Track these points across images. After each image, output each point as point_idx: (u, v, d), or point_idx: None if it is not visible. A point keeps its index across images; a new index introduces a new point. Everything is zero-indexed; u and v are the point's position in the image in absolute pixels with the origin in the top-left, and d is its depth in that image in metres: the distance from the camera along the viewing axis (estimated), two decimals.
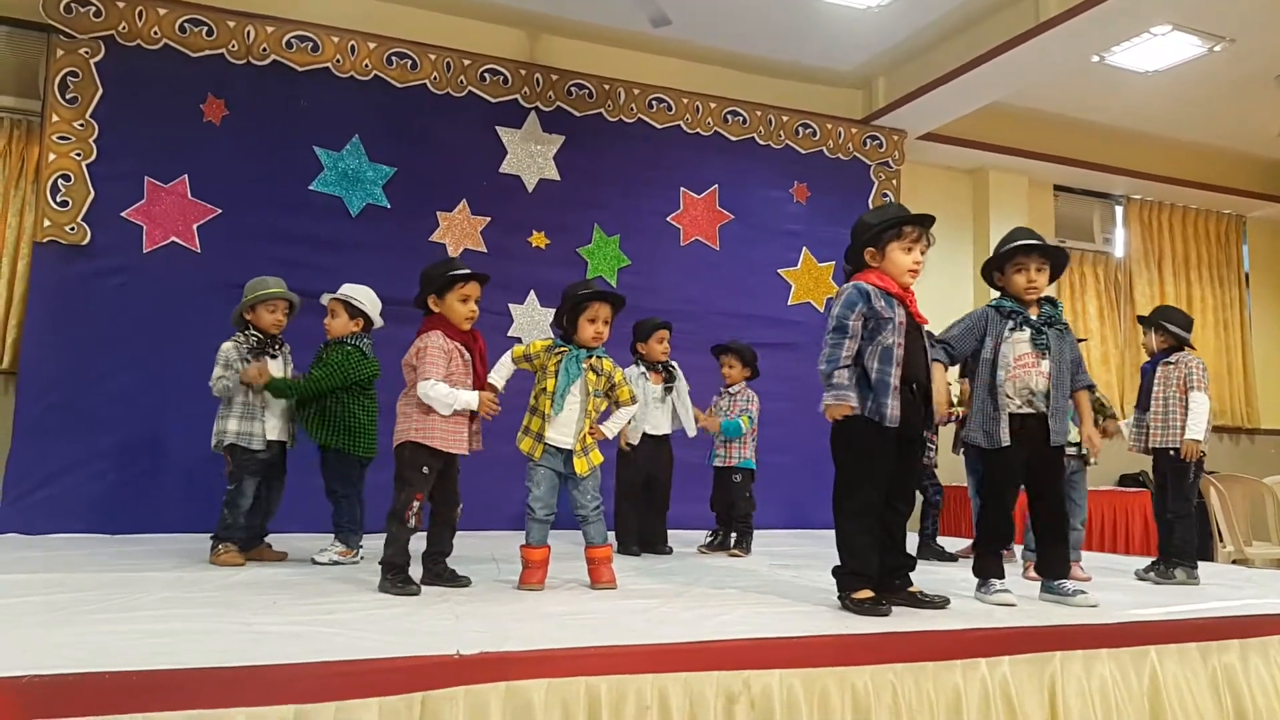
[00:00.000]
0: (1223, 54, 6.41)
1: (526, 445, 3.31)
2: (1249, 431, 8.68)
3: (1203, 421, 4.09)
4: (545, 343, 3.41)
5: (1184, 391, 4.16)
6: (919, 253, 2.98)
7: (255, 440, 3.86)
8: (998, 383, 3.18)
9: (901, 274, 2.97)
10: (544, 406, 3.30)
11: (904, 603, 2.94)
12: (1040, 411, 3.19)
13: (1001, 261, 3.29)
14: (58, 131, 5.24)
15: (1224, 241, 8.89)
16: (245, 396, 3.88)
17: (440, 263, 3.38)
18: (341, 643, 2.16)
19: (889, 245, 2.97)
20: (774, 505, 5.92)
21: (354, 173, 5.84)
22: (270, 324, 3.97)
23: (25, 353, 5.12)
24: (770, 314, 6.78)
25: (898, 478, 2.99)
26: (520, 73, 6.26)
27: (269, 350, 3.95)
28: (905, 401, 2.91)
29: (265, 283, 4.00)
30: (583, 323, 3.35)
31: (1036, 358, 3.19)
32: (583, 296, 3.36)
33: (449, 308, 3.27)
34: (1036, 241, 3.25)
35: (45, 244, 5.17)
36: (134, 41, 5.40)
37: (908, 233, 2.97)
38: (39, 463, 4.97)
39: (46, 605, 2.64)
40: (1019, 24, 5.84)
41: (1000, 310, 3.26)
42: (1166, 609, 3.17)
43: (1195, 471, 4.17)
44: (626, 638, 2.29)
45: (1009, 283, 3.28)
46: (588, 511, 3.34)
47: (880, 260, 2.99)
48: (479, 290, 3.33)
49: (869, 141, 7.19)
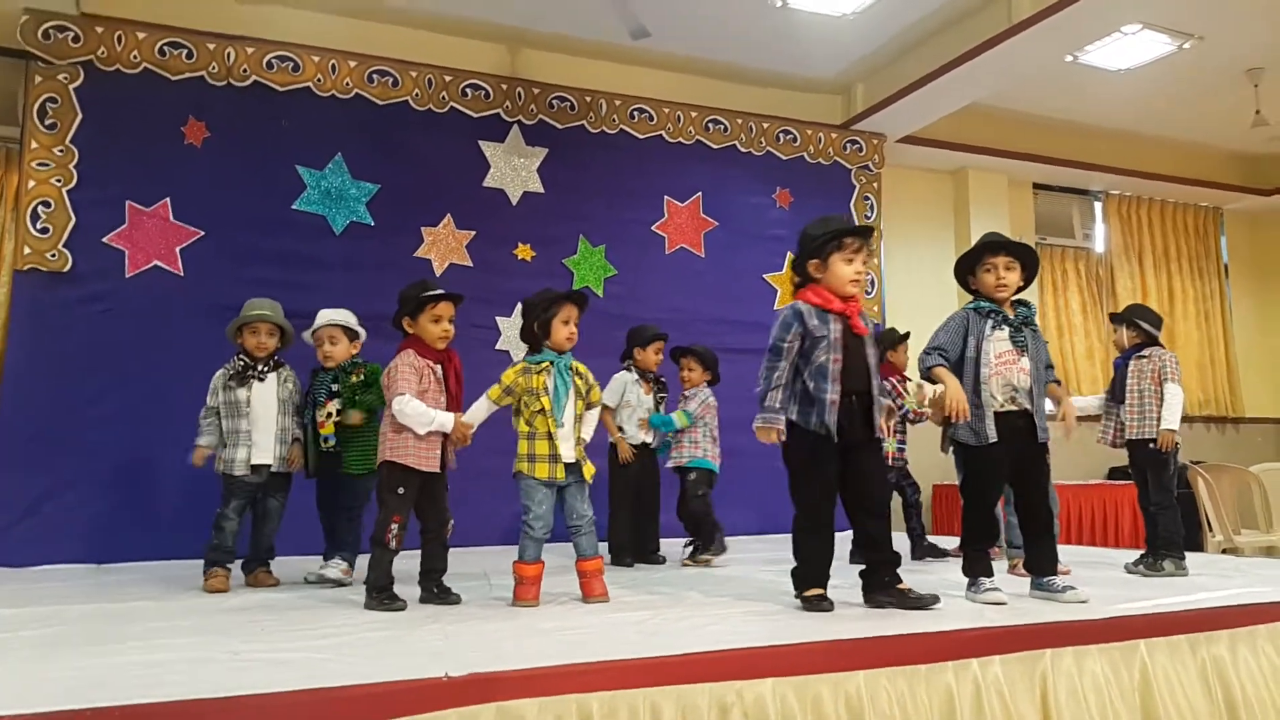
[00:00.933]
0: (1192, 50, 6.49)
1: (544, 472, 3.24)
2: (1234, 420, 8.75)
3: (1177, 412, 4.15)
4: (517, 368, 3.36)
5: (1158, 383, 4.21)
6: (860, 263, 3.09)
7: (236, 466, 3.84)
8: (981, 380, 3.24)
9: (844, 285, 3.08)
10: (548, 427, 3.26)
11: (892, 601, 3.00)
12: (1024, 409, 3.26)
13: (971, 263, 3.38)
14: (37, 158, 5.22)
15: (1202, 234, 8.97)
16: (226, 424, 3.87)
17: (415, 284, 3.40)
18: (331, 669, 2.15)
19: (831, 256, 3.08)
20: (755, 510, 5.96)
21: (337, 191, 5.85)
22: (253, 346, 3.95)
23: (7, 382, 5.08)
24: (756, 319, 6.76)
25: (855, 483, 3.10)
26: (502, 87, 6.28)
27: (254, 374, 3.93)
28: (845, 411, 3.04)
29: (252, 305, 4.00)
30: (556, 325, 3.34)
31: (1016, 354, 3.27)
32: (552, 300, 3.36)
33: (422, 328, 3.32)
34: (1000, 239, 3.36)
35: (26, 271, 5.15)
36: (113, 66, 5.39)
37: (848, 244, 3.08)
38: (21, 493, 4.93)
39: (34, 639, 2.62)
40: (992, 26, 5.90)
41: (979, 311, 3.33)
42: (1155, 602, 3.18)
43: (1173, 462, 4.23)
44: (618, 652, 2.30)
45: (980, 284, 3.37)
46: (584, 523, 3.33)
47: (824, 272, 3.10)
48: (452, 310, 3.36)
49: (849, 146, 7.23)
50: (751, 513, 5.97)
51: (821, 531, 3.08)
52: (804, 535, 3.10)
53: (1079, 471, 7.35)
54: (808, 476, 3.10)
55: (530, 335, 3.41)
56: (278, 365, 4.02)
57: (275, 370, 3.99)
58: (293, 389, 4.04)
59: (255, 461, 3.88)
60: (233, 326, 3.99)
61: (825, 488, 3.09)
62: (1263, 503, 6.46)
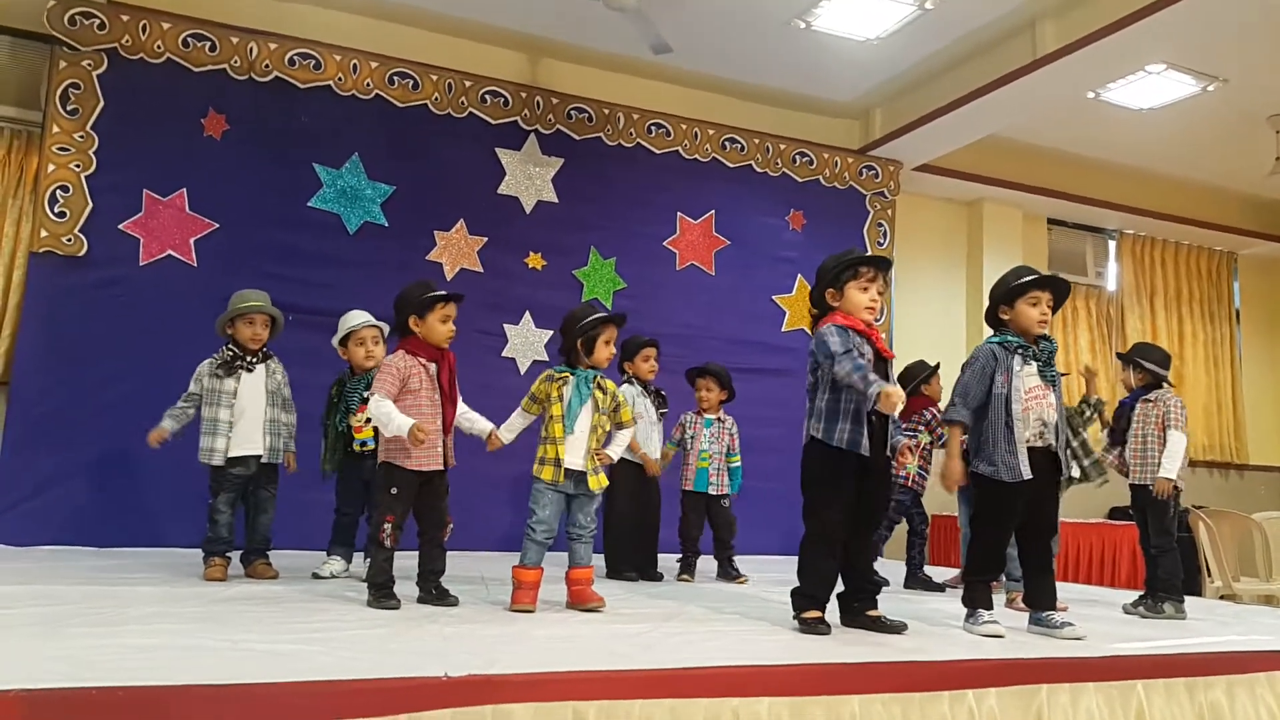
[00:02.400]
0: (1216, 93, 6.50)
1: (549, 474, 3.27)
2: (1238, 467, 8.71)
3: (1178, 460, 4.14)
4: (542, 377, 3.42)
5: (1162, 429, 4.20)
6: (875, 292, 3.14)
7: (215, 456, 3.82)
8: (1014, 417, 3.20)
9: (859, 310, 3.12)
10: (557, 432, 3.29)
11: (861, 626, 3.06)
12: (1049, 445, 3.25)
13: (1013, 295, 3.32)
14: (58, 143, 5.25)
15: (1215, 278, 8.96)
16: (206, 412, 3.87)
17: (418, 283, 3.42)
18: (327, 662, 2.15)
19: (847, 285, 3.13)
20: (764, 531, 5.93)
21: (353, 190, 5.87)
22: (248, 338, 3.94)
23: (18, 363, 5.10)
24: (764, 340, 6.81)
25: (856, 505, 3.09)
26: (521, 95, 6.31)
27: (242, 364, 3.92)
28: (871, 433, 3.05)
29: (245, 296, 3.99)
30: (600, 345, 3.39)
31: (1045, 389, 3.26)
32: (598, 320, 3.39)
33: (430, 328, 3.33)
34: (1051, 274, 3.36)
35: (41, 254, 5.17)
36: (137, 55, 5.43)
37: (864, 272, 3.14)
38: (28, 474, 4.94)
39: (35, 617, 2.62)
40: (1016, 59, 5.92)
41: (1006, 346, 3.29)
42: (1154, 643, 3.17)
43: (1174, 506, 4.23)
44: (615, 662, 2.29)
45: (1020, 315, 3.31)
46: (584, 532, 3.36)
47: (840, 300, 3.14)
48: (455, 310, 3.39)
49: (865, 171, 7.25)
50: (771, 533, 5.95)
51: (829, 554, 3.08)
52: (811, 556, 3.10)
53: (1079, 510, 7.32)
54: (825, 497, 3.09)
55: (569, 349, 3.41)
56: (266, 356, 4.02)
57: (264, 361, 4.00)
58: (281, 380, 4.04)
59: (244, 453, 3.86)
60: (225, 318, 3.96)
61: (840, 508, 3.07)
62: (1264, 551, 6.42)
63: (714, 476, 4.79)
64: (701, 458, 4.78)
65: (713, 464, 4.79)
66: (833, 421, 3.05)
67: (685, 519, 4.82)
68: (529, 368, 6.13)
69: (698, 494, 4.79)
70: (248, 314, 3.95)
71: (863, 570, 3.15)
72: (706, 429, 4.84)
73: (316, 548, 4.14)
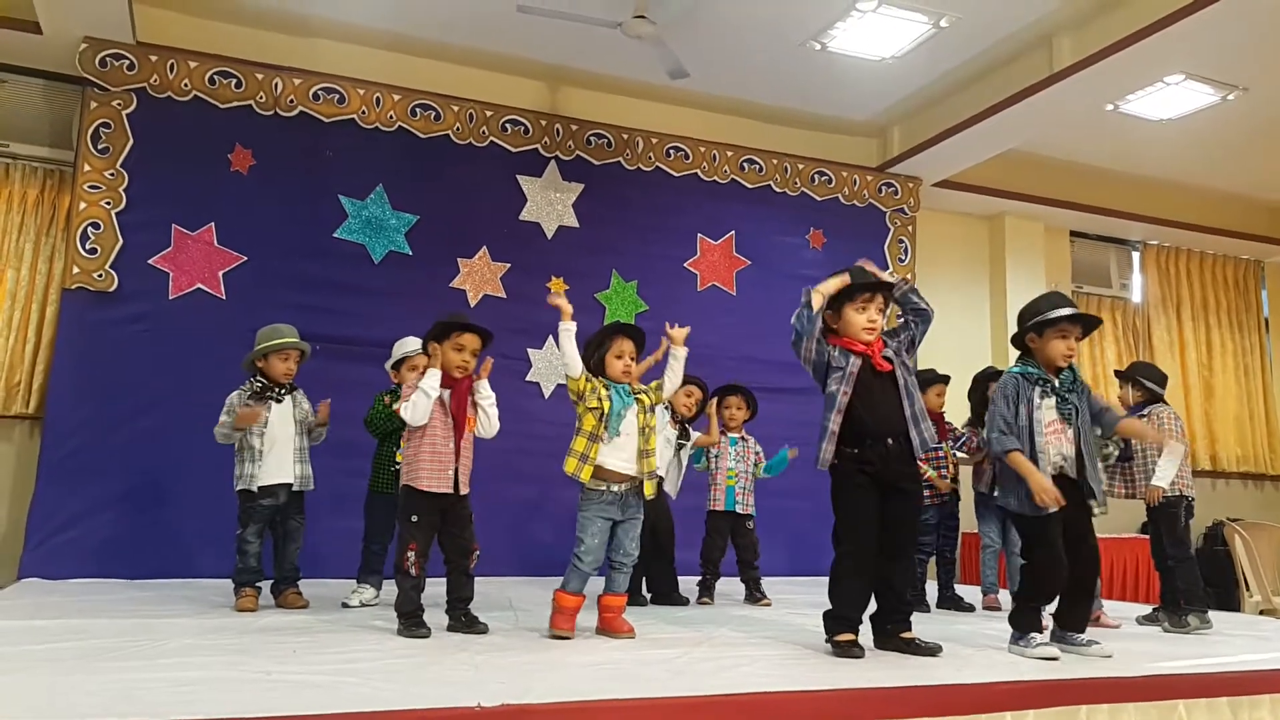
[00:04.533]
0: (1236, 102, 6.45)
1: (572, 466, 3.27)
2: (1273, 479, 8.57)
3: (1171, 470, 4.18)
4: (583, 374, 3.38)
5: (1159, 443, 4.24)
6: (874, 312, 3.21)
7: (251, 481, 3.88)
8: (1037, 449, 3.19)
9: (858, 333, 3.20)
10: (596, 429, 3.27)
11: (895, 649, 3.05)
12: (1070, 476, 3.23)
13: (1043, 325, 3.29)
14: (89, 181, 5.36)
15: (1242, 287, 8.85)
16: (241, 440, 3.92)
17: (451, 313, 3.51)
18: (361, 693, 2.16)
19: (844, 308, 3.25)
20: (784, 551, 5.91)
21: (377, 220, 5.94)
22: (282, 372, 4.01)
23: (52, 398, 5.18)
24: (786, 359, 6.68)
25: (888, 528, 3.08)
26: (541, 123, 6.37)
27: (272, 395, 3.98)
28: (886, 454, 3.08)
29: (279, 331, 4.04)
30: (609, 359, 3.39)
31: (1063, 424, 3.24)
32: (605, 333, 3.42)
33: (444, 356, 3.38)
34: (1083, 312, 3.34)
35: (74, 290, 5.27)
36: (165, 93, 5.54)
37: (859, 295, 3.21)
38: (62, 507, 5.01)
39: (73, 651, 2.66)
40: (1033, 74, 5.91)
41: (1027, 377, 3.28)
42: (1195, 662, 3.12)
43: (1185, 516, 4.26)
44: (647, 689, 2.28)
45: (1046, 347, 3.28)
46: (629, 560, 3.35)
47: (838, 322, 3.26)
48: (478, 344, 3.41)
49: (884, 189, 7.25)
50: (786, 554, 5.92)
51: (860, 576, 3.07)
52: (842, 580, 3.09)
53: (1111, 525, 7.21)
54: (849, 516, 3.11)
55: (590, 369, 3.42)
56: (293, 388, 4.09)
57: (291, 393, 4.07)
58: (307, 410, 4.12)
59: (276, 481, 3.92)
60: (260, 351, 3.99)
61: (867, 532, 3.07)
62: None
63: (740, 495, 4.79)
64: (729, 476, 4.79)
65: (739, 482, 4.79)
66: (820, 442, 3.13)
67: (709, 540, 4.79)
68: (553, 391, 6.16)
69: (725, 514, 4.78)
70: (283, 350, 4.00)
71: (895, 594, 3.13)
72: (732, 447, 4.85)
73: (342, 576, 4.16)
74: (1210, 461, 8.25)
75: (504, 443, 3.71)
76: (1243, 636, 3.90)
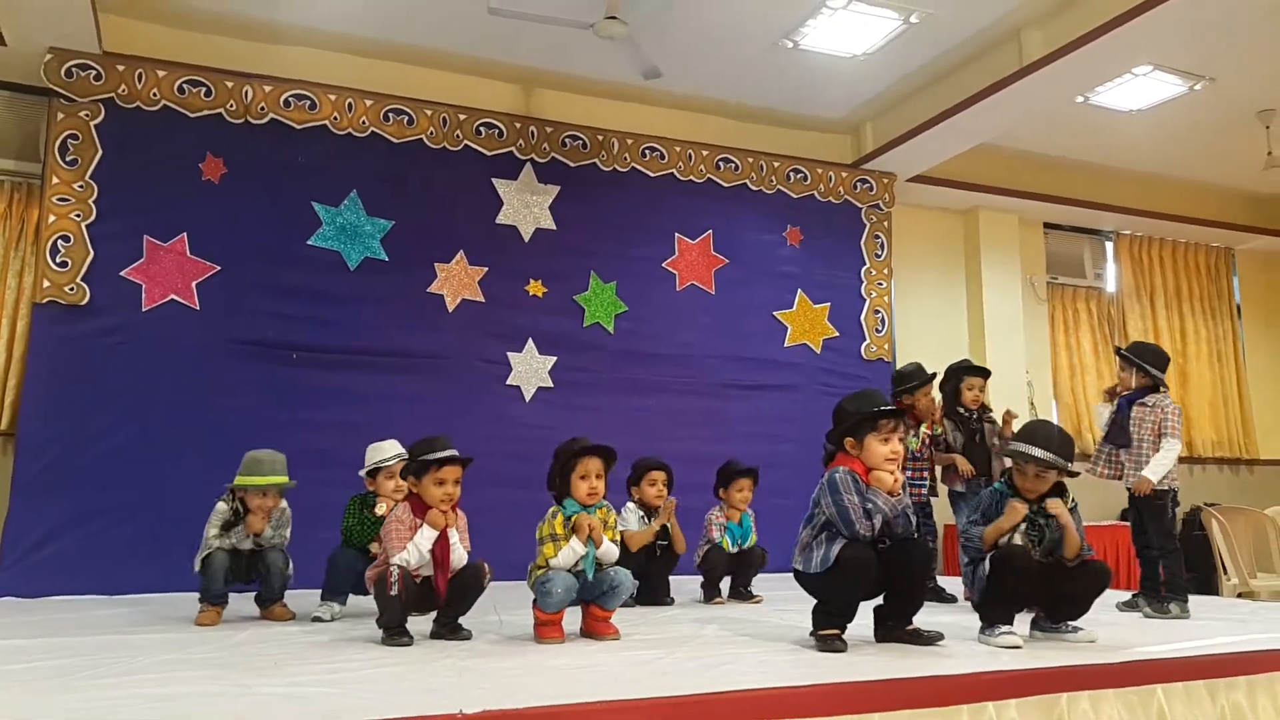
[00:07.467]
0: (1203, 92, 6.54)
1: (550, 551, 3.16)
2: (1248, 462, 8.68)
3: (1166, 466, 4.16)
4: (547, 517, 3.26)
5: (1158, 435, 4.22)
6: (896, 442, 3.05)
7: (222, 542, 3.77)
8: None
9: (880, 465, 3.03)
10: (550, 553, 3.18)
11: (897, 640, 3.09)
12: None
13: (1008, 455, 3.31)
14: (58, 193, 5.30)
15: (1214, 274, 8.97)
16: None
17: (424, 440, 3.23)
18: (344, 704, 2.14)
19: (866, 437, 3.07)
20: (775, 548, 5.89)
21: (352, 227, 5.91)
22: (256, 507, 3.75)
23: (24, 414, 5.12)
24: (767, 356, 6.81)
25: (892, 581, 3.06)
26: (515, 126, 6.36)
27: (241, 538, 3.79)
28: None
29: (258, 463, 3.77)
30: (575, 481, 3.21)
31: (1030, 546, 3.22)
32: (574, 453, 3.21)
33: (424, 489, 3.17)
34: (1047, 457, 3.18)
35: (44, 304, 5.21)
36: (133, 103, 5.49)
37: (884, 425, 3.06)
38: (37, 524, 4.96)
39: (51, 670, 2.62)
40: (1003, 68, 5.96)
41: (1003, 495, 3.28)
42: (1172, 646, 3.15)
43: (1172, 507, 4.26)
44: (631, 691, 2.28)
45: (1017, 475, 3.28)
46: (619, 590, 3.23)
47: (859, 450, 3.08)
48: (459, 472, 3.20)
49: (859, 185, 7.28)
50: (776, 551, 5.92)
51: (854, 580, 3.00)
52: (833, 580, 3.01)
53: (1091, 513, 7.27)
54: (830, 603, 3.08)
55: (556, 485, 3.27)
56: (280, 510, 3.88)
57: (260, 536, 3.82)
58: (281, 519, 3.89)
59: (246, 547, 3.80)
60: (237, 486, 3.78)
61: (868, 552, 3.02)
62: (1278, 546, 6.38)
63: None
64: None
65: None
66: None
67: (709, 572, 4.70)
68: (534, 394, 6.14)
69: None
70: (262, 488, 3.74)
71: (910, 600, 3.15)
72: (728, 534, 4.73)
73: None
74: (1186, 447, 8.35)
75: (485, 447, 3.70)
76: (1221, 620, 3.94)
